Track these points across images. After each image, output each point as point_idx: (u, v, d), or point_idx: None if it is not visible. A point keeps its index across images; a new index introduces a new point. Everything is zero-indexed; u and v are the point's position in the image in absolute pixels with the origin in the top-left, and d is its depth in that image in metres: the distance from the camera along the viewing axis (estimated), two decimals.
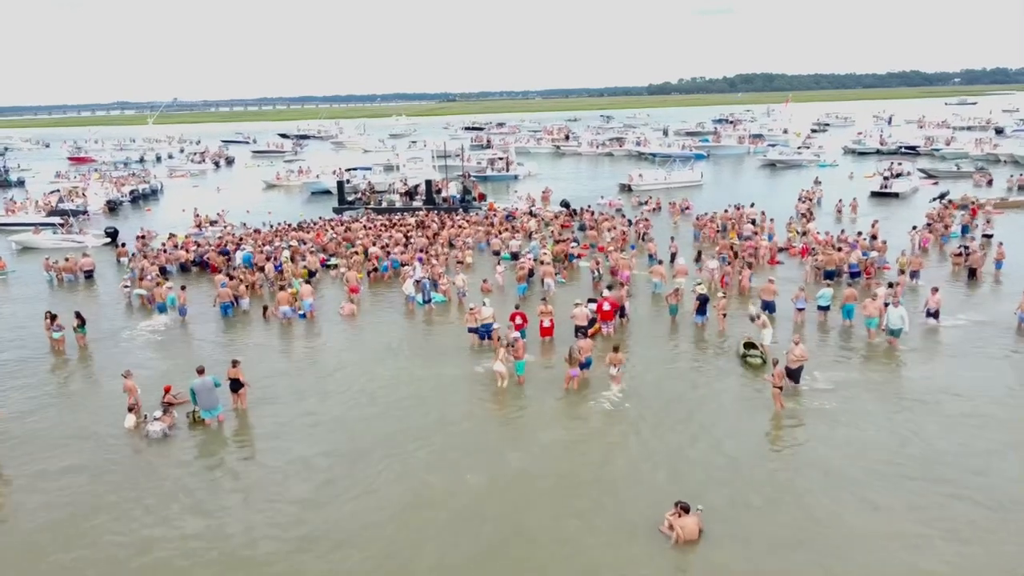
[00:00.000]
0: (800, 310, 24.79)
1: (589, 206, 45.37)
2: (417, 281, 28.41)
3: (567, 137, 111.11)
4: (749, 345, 21.80)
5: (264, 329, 26.15)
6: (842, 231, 36.33)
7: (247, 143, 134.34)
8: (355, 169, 65.62)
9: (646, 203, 50.19)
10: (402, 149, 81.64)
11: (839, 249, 31.58)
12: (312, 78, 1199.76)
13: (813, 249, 32.60)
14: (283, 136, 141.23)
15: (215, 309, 27.57)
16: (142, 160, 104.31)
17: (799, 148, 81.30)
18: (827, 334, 23.76)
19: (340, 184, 51.87)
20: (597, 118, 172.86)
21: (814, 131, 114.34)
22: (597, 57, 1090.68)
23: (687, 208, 47.95)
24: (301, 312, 26.94)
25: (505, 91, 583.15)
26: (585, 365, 19.99)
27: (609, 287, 25.24)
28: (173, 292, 28.58)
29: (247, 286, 29.53)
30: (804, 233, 36.67)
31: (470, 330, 23.38)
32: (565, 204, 48.03)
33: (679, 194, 53.61)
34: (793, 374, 18.96)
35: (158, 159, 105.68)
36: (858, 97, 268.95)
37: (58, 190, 59.31)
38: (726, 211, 41.92)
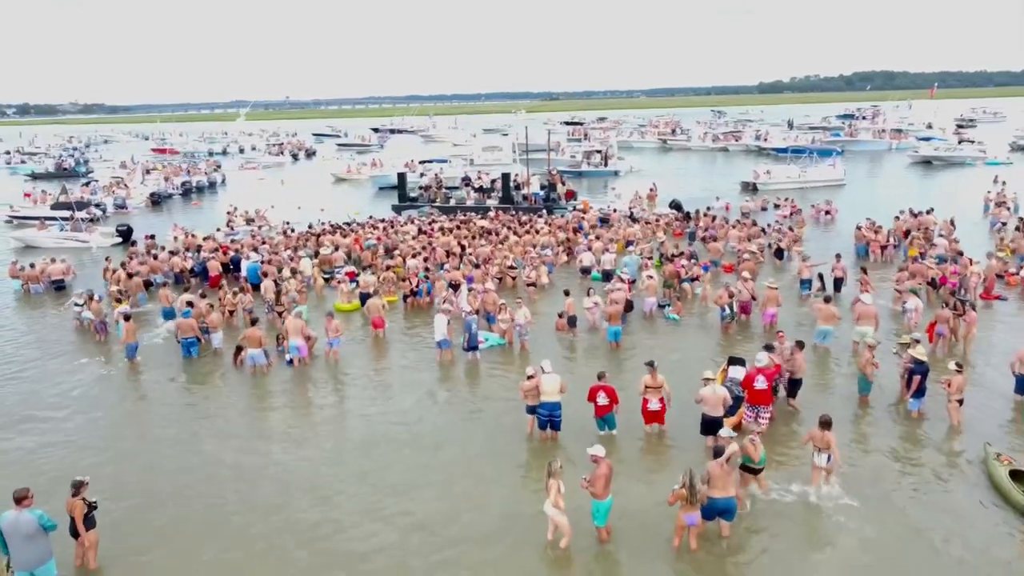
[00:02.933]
0: None
1: (709, 208, 35.12)
2: (463, 313, 19.33)
3: (674, 131, 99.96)
4: (1017, 475, 11.88)
5: (229, 384, 17.72)
6: None
7: (338, 136, 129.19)
8: (430, 162, 57.25)
9: (778, 206, 39.52)
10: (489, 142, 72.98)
11: None
12: (419, 77, 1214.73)
13: None
14: (375, 130, 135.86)
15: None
16: (224, 152, 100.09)
17: (959, 143, 67.96)
18: None
19: (401, 177, 43.41)
20: (704, 114, 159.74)
21: (960, 127, 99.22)
22: (704, 56, 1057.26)
23: (829, 213, 37.24)
24: (288, 358, 18.45)
25: (609, 90, 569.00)
26: (721, 511, 10.49)
27: (769, 347, 15.17)
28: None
29: (228, 311, 21.38)
30: None
31: (529, 410, 14.16)
32: (676, 206, 37.93)
33: (816, 195, 42.75)
34: None
35: (240, 151, 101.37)
36: (992, 95, 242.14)
37: (95, 180, 53.71)
38: (898, 218, 31.03)
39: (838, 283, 22.68)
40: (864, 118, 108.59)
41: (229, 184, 63.99)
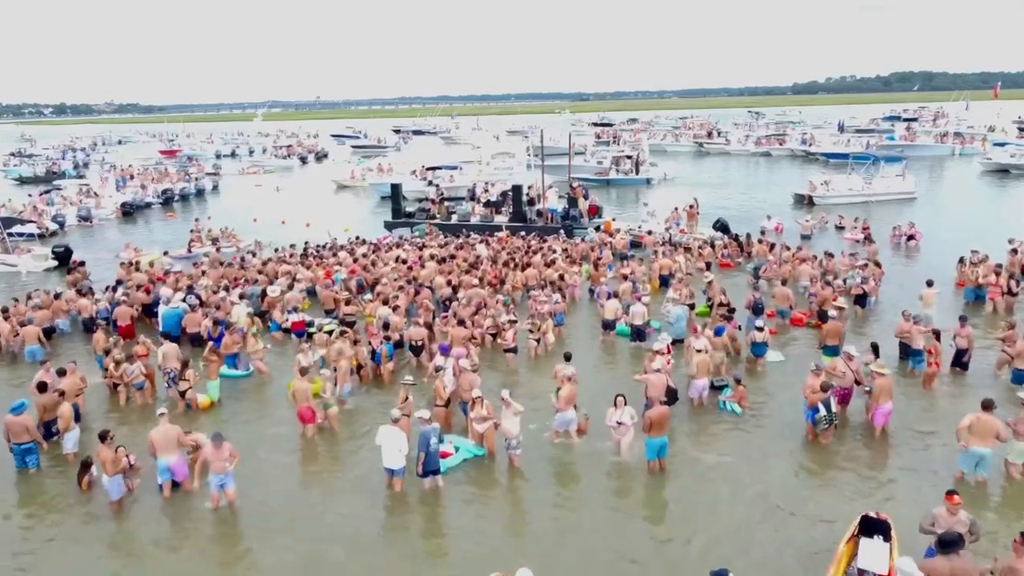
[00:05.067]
0: None
1: (763, 232, 28.40)
2: (420, 418, 12.92)
3: (710, 133, 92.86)
4: None
5: (57, 537, 11.64)
6: None
7: (356, 137, 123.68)
8: (438, 168, 51.12)
9: (842, 227, 32.72)
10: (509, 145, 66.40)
11: None
12: (449, 78, 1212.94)
13: None
14: (396, 131, 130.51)
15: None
16: (233, 154, 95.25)
17: None
18: None
19: (396, 188, 37.13)
20: (740, 115, 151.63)
21: (1022, 130, 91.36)
22: (737, 55, 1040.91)
23: (913, 238, 30.31)
24: (159, 482, 12.30)
25: (640, 91, 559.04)
26: None
27: (947, 545, 8.07)
28: None
29: (112, 384, 15.41)
30: None
31: None
32: (722, 227, 31.08)
33: (885, 212, 36.00)
34: None
35: (250, 153, 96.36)
36: None
37: (57, 188, 48.43)
38: (1015, 251, 24.05)
39: (960, 356, 16.09)
40: (915, 119, 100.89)
41: (222, 190, 58.43)
